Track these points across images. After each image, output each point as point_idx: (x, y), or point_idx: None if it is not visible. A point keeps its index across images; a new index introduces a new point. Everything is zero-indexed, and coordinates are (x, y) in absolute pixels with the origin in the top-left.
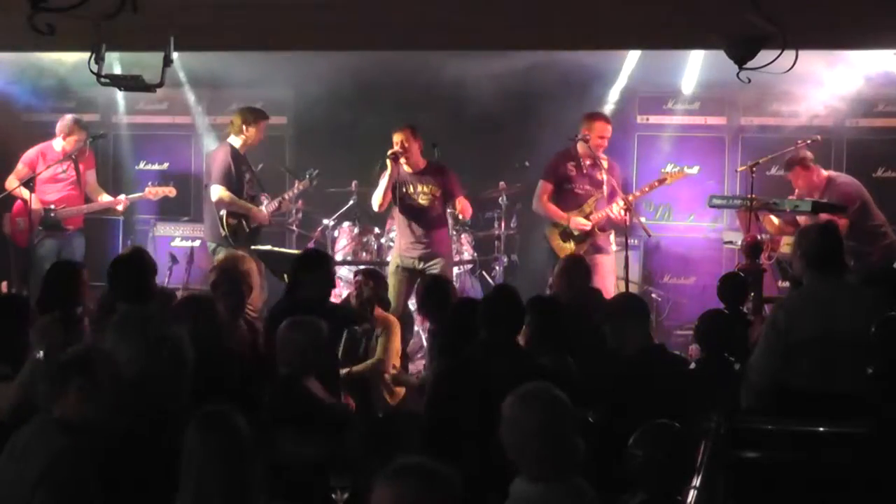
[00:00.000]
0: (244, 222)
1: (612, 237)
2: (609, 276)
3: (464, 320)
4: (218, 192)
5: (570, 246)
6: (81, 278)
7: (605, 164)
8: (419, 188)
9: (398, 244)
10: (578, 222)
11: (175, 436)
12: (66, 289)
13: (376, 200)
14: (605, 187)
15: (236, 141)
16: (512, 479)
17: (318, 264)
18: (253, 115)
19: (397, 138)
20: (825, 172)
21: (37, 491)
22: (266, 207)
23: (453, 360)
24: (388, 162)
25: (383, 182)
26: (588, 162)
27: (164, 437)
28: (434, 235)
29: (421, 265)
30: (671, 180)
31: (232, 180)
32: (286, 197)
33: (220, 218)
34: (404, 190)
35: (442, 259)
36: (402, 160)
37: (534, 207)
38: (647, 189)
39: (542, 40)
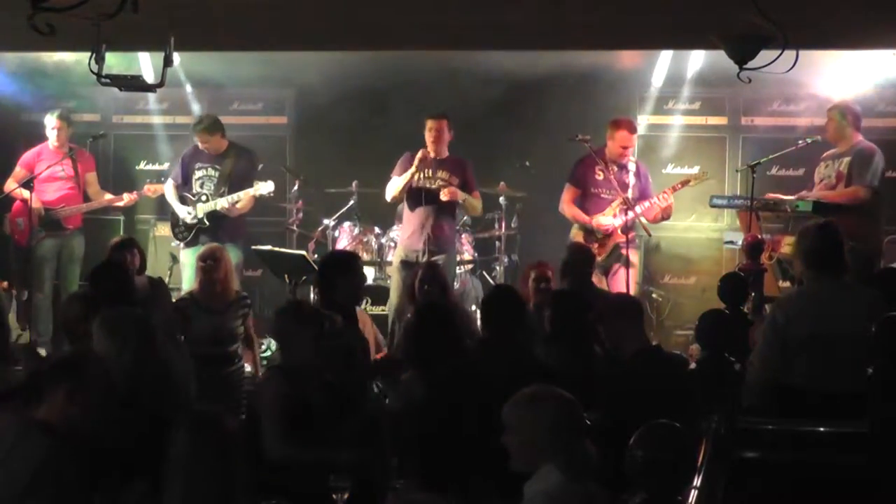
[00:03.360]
0: (178, 219)
1: (637, 241)
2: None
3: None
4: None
5: (593, 248)
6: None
7: (633, 167)
8: (438, 173)
9: (403, 237)
10: (601, 221)
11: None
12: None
13: (391, 190)
14: (631, 191)
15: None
16: (513, 479)
17: (349, 266)
18: (195, 121)
19: (433, 125)
20: (860, 137)
21: (26, 494)
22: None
23: (454, 361)
24: (416, 161)
25: (405, 177)
26: (616, 166)
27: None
28: (441, 227)
29: (424, 259)
30: (695, 182)
31: (178, 176)
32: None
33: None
34: (421, 174)
35: (446, 254)
36: (430, 148)
37: (560, 210)
38: (670, 191)
39: (542, 41)
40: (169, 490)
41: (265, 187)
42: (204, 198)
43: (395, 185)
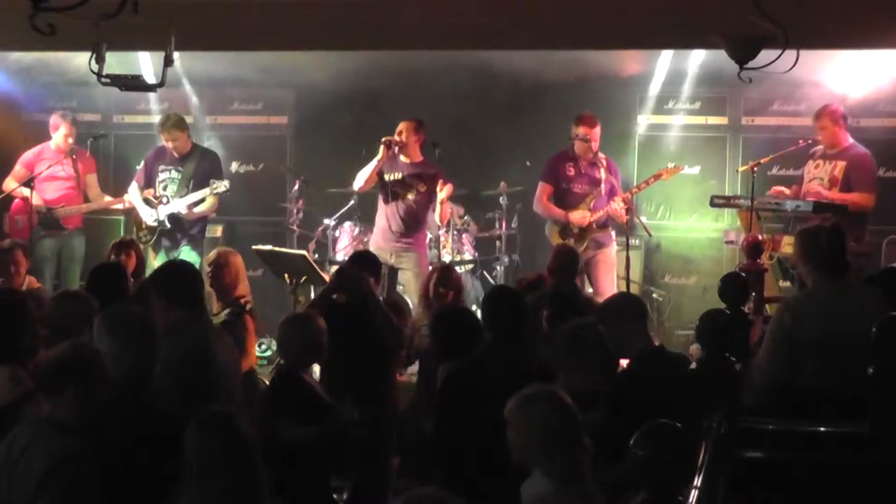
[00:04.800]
0: (140, 222)
1: (613, 234)
2: (609, 273)
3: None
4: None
5: (569, 244)
6: (127, 279)
7: (603, 162)
8: (406, 179)
9: (375, 238)
10: (576, 216)
11: (174, 437)
12: (112, 288)
13: (359, 180)
14: (602, 185)
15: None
16: (519, 480)
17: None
18: (162, 119)
19: (399, 128)
20: (850, 140)
21: (40, 492)
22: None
23: (460, 362)
24: (381, 147)
25: (371, 164)
26: (586, 161)
27: (164, 438)
28: (411, 232)
29: (392, 260)
30: (667, 176)
31: (140, 179)
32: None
33: None
34: (394, 178)
35: (415, 255)
36: (397, 149)
37: (534, 208)
38: (643, 185)
39: (542, 40)
40: (185, 490)
41: (221, 186)
42: (165, 200)
43: (361, 175)
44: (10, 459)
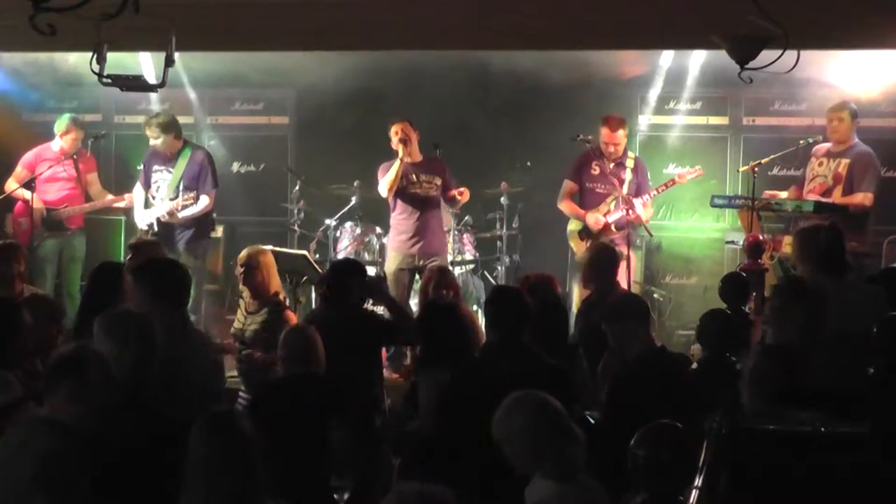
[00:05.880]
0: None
1: (632, 238)
2: (626, 278)
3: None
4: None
5: (587, 245)
6: (125, 278)
7: (630, 163)
8: (421, 177)
9: (395, 242)
10: (590, 220)
11: (174, 437)
12: (112, 289)
13: (386, 185)
14: (627, 186)
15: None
16: (519, 478)
17: (353, 274)
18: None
19: (397, 128)
20: (857, 139)
21: (33, 491)
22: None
23: (465, 363)
24: (400, 148)
25: (395, 167)
26: (612, 162)
27: (164, 438)
28: (431, 228)
29: (421, 262)
30: (683, 181)
31: (142, 179)
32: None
33: None
34: (406, 180)
35: (439, 256)
36: (402, 152)
37: (558, 205)
38: (662, 188)
39: (542, 40)
40: (188, 490)
41: (191, 202)
42: (156, 203)
43: (387, 180)
44: (4, 459)
